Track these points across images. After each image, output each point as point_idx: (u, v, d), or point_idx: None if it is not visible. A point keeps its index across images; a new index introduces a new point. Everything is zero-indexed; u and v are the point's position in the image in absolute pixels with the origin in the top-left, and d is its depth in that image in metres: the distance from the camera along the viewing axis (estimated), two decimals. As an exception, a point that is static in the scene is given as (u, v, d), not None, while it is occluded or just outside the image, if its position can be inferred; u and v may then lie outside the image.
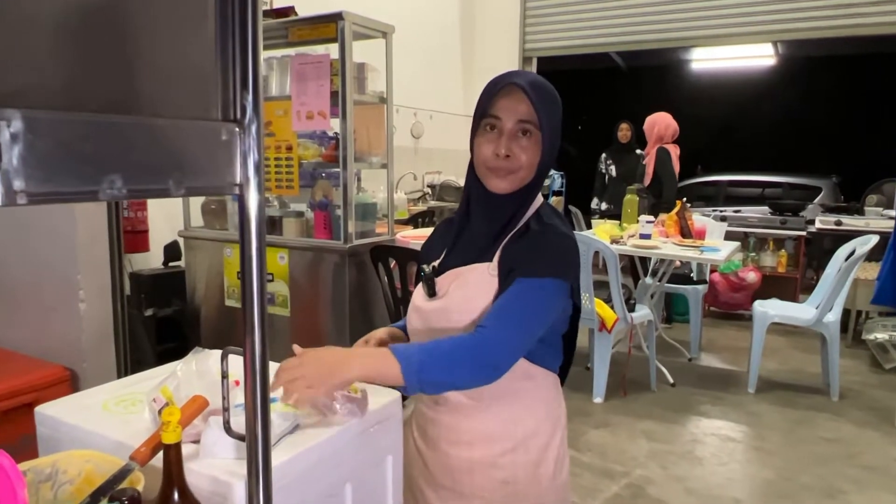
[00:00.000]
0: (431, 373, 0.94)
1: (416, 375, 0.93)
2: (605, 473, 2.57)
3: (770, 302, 3.72)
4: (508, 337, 0.97)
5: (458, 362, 0.96)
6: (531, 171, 1.05)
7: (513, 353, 0.99)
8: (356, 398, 0.95)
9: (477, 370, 0.96)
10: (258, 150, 0.67)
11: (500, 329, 0.97)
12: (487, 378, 0.98)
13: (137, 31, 0.59)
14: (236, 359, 0.78)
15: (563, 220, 1.10)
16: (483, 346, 0.96)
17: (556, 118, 1.05)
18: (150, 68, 0.61)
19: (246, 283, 0.67)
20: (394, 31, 2.75)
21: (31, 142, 0.49)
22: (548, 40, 6.00)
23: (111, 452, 0.86)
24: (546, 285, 1.00)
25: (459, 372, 0.96)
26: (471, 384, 1.00)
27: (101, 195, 0.54)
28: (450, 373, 0.96)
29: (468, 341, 0.97)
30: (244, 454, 0.70)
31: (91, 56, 0.55)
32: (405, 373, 0.93)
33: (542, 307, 1.00)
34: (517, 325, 0.98)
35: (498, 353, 0.96)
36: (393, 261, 2.63)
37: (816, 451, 2.80)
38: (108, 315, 2.26)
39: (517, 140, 1.03)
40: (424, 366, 0.94)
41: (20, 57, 0.50)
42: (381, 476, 1.05)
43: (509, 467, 1.09)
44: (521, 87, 1.00)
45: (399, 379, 0.93)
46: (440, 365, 0.95)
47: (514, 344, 0.98)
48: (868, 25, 4.81)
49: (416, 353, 0.95)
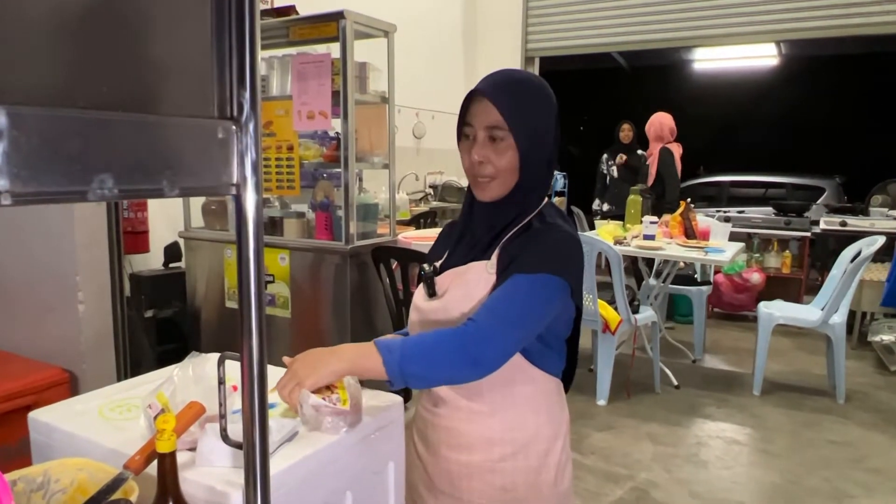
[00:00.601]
0: (413, 365, 0.93)
1: (399, 367, 0.92)
2: (609, 477, 2.54)
3: (775, 303, 3.69)
4: (496, 331, 0.94)
5: (441, 355, 0.94)
6: (512, 175, 1.02)
7: (500, 349, 0.95)
8: (344, 411, 0.92)
9: (459, 364, 0.93)
10: (256, 148, 0.64)
11: (489, 323, 0.94)
12: (471, 372, 0.95)
13: (130, 23, 0.57)
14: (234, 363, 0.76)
15: (567, 221, 1.08)
16: (467, 339, 0.93)
17: (536, 115, 1.02)
18: (143, 63, 0.59)
19: (243, 286, 0.64)
20: (395, 31, 2.73)
21: (15, 139, 0.47)
22: (550, 40, 5.98)
23: (105, 460, 0.84)
24: (542, 281, 0.97)
25: (441, 364, 0.94)
26: (454, 378, 0.98)
27: (91, 195, 0.52)
28: (431, 365, 0.94)
29: (453, 334, 0.95)
30: (241, 462, 0.67)
31: (80, 50, 0.53)
32: (387, 365, 0.92)
33: (536, 303, 0.97)
34: (507, 319, 0.95)
35: (483, 346, 0.93)
36: (395, 262, 2.61)
37: (823, 455, 2.77)
38: (108, 316, 2.24)
39: (489, 146, 1.02)
40: (406, 358, 0.92)
41: (5, 51, 0.48)
42: (383, 483, 1.02)
43: (508, 473, 1.06)
44: (483, 94, 1.00)
45: (382, 372, 0.93)
46: (422, 357, 0.93)
47: (502, 338, 0.95)
48: (871, 25, 4.78)
49: (398, 346, 0.94)
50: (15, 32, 0.48)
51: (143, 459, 0.77)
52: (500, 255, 1.03)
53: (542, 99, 1.03)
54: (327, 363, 0.93)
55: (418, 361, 0.93)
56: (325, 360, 0.93)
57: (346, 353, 0.95)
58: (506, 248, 1.03)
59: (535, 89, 1.03)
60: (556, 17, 5.90)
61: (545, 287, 0.98)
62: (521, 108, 1.00)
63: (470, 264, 1.06)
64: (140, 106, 0.57)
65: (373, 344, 0.95)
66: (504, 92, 1.00)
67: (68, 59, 0.52)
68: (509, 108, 0.99)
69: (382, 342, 0.95)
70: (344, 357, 0.94)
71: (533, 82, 1.04)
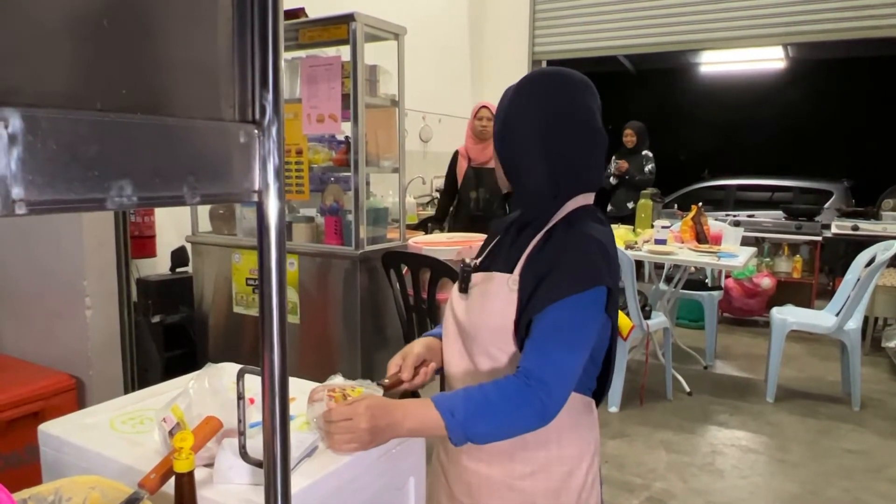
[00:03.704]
0: (477, 426, 0.91)
1: (462, 431, 0.90)
2: (625, 486, 2.50)
3: (788, 309, 3.64)
4: (555, 377, 0.92)
5: (506, 414, 0.92)
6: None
7: (564, 393, 0.94)
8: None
9: (528, 418, 0.92)
10: (279, 153, 0.61)
11: (547, 371, 0.92)
12: (540, 424, 0.93)
13: (149, 23, 0.54)
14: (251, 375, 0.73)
15: (599, 222, 1.02)
16: (531, 394, 0.90)
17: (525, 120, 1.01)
18: (162, 64, 0.56)
19: (265, 295, 0.61)
20: (406, 33, 2.70)
21: (31, 144, 0.43)
22: (557, 43, 5.95)
23: (118, 477, 0.81)
24: (576, 302, 0.94)
25: (508, 423, 0.93)
26: (522, 432, 0.95)
27: (109, 203, 0.49)
28: (498, 425, 0.92)
29: (515, 391, 0.91)
30: (261, 479, 0.64)
31: (98, 50, 0.50)
32: (450, 429, 0.90)
33: (578, 329, 0.95)
34: (560, 360, 0.93)
35: (547, 396, 0.91)
36: (405, 267, 2.57)
37: (841, 464, 2.72)
38: (115, 322, 2.21)
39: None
40: (470, 419, 0.90)
41: (19, 51, 0.44)
42: (404, 499, 0.99)
43: (528, 492, 1.02)
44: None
45: (444, 436, 0.91)
46: (486, 417, 0.91)
47: (561, 382, 0.93)
48: (880, 28, 4.73)
49: (460, 406, 0.91)
50: (30, 31, 0.44)
51: (159, 478, 0.74)
52: (523, 272, 0.99)
53: (535, 101, 1.00)
54: (391, 431, 0.91)
55: (483, 422, 0.92)
56: (389, 427, 0.91)
57: (406, 419, 0.92)
58: (529, 264, 0.99)
59: (528, 92, 1.02)
60: (563, 20, 5.87)
61: (582, 307, 0.95)
62: (507, 117, 1.02)
63: (493, 274, 1.02)
64: (160, 109, 0.54)
65: (431, 405, 0.92)
66: (501, 104, 1.04)
67: (85, 59, 0.49)
68: (497, 121, 1.03)
69: (443, 402, 0.92)
70: (404, 423, 0.92)
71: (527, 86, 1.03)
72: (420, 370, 1.08)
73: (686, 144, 11.02)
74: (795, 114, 10.17)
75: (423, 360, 1.10)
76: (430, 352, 1.12)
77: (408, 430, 0.91)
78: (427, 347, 1.12)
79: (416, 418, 0.92)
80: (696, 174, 8.96)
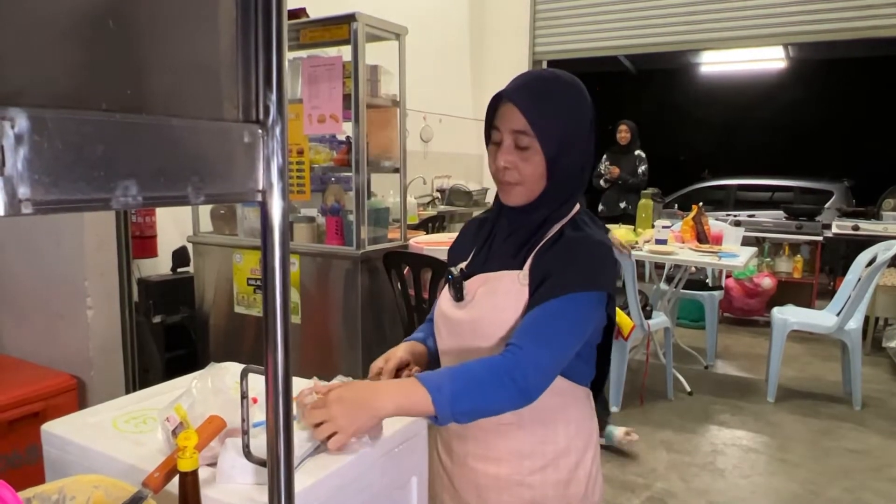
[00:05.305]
0: (464, 402, 0.89)
1: (449, 407, 0.88)
2: (626, 486, 2.50)
3: (789, 309, 3.64)
4: (542, 358, 0.91)
5: (491, 388, 0.90)
6: (539, 181, 0.98)
7: (547, 376, 0.93)
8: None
9: (511, 395, 0.90)
10: (282, 153, 0.62)
11: (535, 350, 0.91)
12: (521, 402, 0.92)
13: (153, 24, 0.54)
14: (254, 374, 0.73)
15: (599, 227, 1.04)
16: (517, 370, 0.90)
17: (564, 119, 0.97)
18: (167, 65, 0.56)
19: (268, 294, 0.62)
20: (407, 33, 2.71)
21: (37, 144, 0.44)
22: (557, 44, 5.95)
23: (122, 476, 0.81)
24: (581, 299, 0.95)
25: (492, 398, 0.90)
26: (503, 410, 0.94)
27: (114, 203, 0.49)
28: (483, 400, 0.90)
29: (501, 364, 0.91)
30: (264, 479, 0.65)
31: (102, 51, 0.50)
32: (437, 405, 0.87)
33: (577, 323, 0.95)
34: (551, 344, 0.93)
35: (531, 375, 0.90)
36: (406, 267, 2.57)
37: (842, 464, 2.72)
38: (116, 322, 2.22)
39: (515, 152, 0.98)
40: (457, 396, 0.88)
41: (26, 52, 0.45)
42: (406, 499, 0.99)
43: (538, 486, 1.04)
44: (509, 97, 0.96)
45: (430, 411, 0.88)
46: (473, 393, 0.89)
47: (547, 365, 0.93)
48: (881, 28, 4.73)
49: (447, 383, 0.89)
50: (36, 32, 0.45)
51: (163, 477, 0.74)
52: (533, 267, 0.99)
53: (572, 100, 0.99)
54: (370, 407, 0.87)
55: (469, 398, 0.89)
56: (368, 403, 0.87)
57: (388, 394, 0.88)
58: (538, 259, 0.99)
59: (564, 90, 0.99)
60: (563, 20, 5.87)
61: (585, 305, 0.95)
62: (547, 111, 0.95)
63: (501, 273, 1.02)
64: (164, 109, 0.54)
65: (416, 381, 0.89)
66: (530, 95, 0.96)
67: (91, 60, 0.49)
68: (535, 113, 0.94)
69: (429, 380, 0.89)
70: (387, 398, 0.87)
71: (561, 82, 0.99)
72: (402, 374, 1.08)
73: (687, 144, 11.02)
74: (796, 113, 10.17)
75: (407, 364, 1.09)
76: (413, 356, 1.12)
77: (389, 403, 0.87)
78: (410, 352, 1.12)
79: (398, 392, 0.89)
80: (696, 174, 8.97)
